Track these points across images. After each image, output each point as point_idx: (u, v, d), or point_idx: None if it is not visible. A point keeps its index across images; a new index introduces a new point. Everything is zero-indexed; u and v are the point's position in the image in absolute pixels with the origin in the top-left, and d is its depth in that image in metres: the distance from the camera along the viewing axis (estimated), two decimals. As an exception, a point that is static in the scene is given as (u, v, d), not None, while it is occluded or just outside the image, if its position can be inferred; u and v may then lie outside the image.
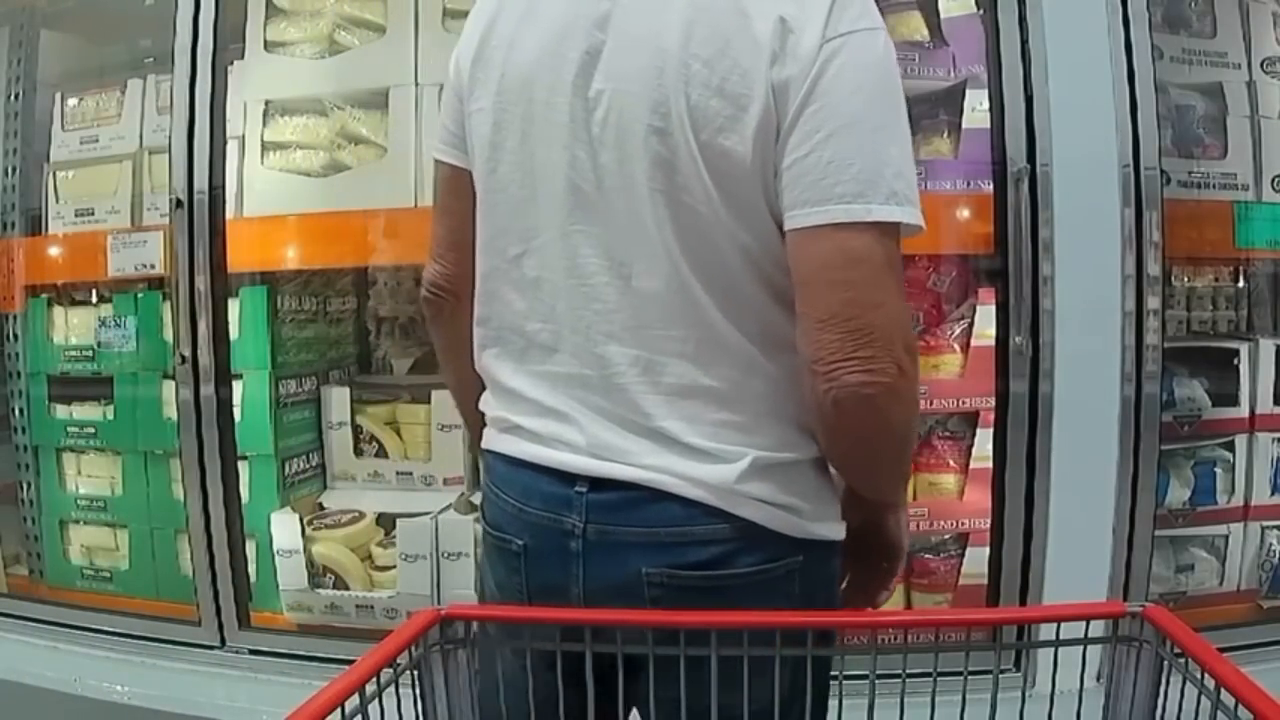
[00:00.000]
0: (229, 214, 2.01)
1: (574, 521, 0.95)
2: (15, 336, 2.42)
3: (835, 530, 0.99)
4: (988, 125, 1.75)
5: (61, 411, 2.35)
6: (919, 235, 0.90)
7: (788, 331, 0.91)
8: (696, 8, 0.90)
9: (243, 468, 2.07)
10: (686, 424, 0.93)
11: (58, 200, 2.33)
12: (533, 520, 0.98)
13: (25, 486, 2.42)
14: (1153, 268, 1.70)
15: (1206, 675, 0.71)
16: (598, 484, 0.94)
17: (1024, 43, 1.71)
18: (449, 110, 1.07)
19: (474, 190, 1.03)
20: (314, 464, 2.20)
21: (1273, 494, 1.99)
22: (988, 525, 1.79)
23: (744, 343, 0.93)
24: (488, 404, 1.07)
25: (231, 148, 2.03)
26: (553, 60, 0.95)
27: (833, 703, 0.85)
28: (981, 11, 1.79)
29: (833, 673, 0.85)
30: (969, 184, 1.76)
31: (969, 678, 0.80)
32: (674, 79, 0.89)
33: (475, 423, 1.12)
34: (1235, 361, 2.00)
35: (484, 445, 1.08)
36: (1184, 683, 0.75)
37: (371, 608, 1.99)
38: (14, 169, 2.42)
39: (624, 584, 0.93)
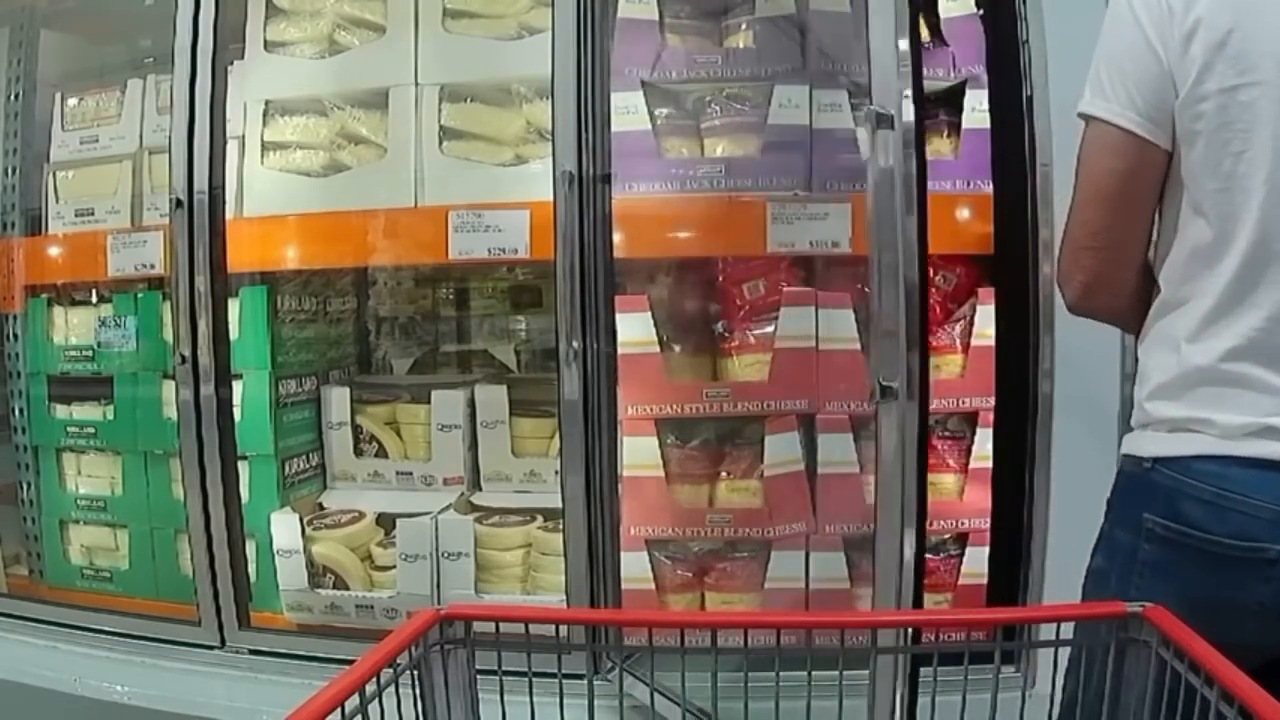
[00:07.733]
0: (229, 214, 2.01)
1: None
2: (15, 336, 2.42)
3: None
4: (987, 125, 1.75)
5: (61, 411, 2.35)
6: None
7: None
8: None
9: (243, 468, 2.06)
10: None
11: (58, 200, 2.33)
12: None
13: (25, 486, 2.42)
14: (1152, 267, 1.69)
15: (1206, 675, 0.71)
16: None
17: (1024, 43, 1.71)
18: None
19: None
20: (314, 464, 2.20)
21: (1273, 494, 1.99)
22: (988, 525, 1.79)
23: None
24: (1214, 406, 1.03)
25: (231, 148, 2.03)
26: None
27: (831, 703, 0.86)
28: (981, 11, 1.79)
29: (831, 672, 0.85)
30: (969, 184, 1.76)
31: (969, 678, 0.80)
32: None
33: None
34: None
35: (1214, 450, 1.02)
36: (1184, 683, 0.75)
37: (371, 608, 1.99)
38: (14, 169, 2.42)
39: None
